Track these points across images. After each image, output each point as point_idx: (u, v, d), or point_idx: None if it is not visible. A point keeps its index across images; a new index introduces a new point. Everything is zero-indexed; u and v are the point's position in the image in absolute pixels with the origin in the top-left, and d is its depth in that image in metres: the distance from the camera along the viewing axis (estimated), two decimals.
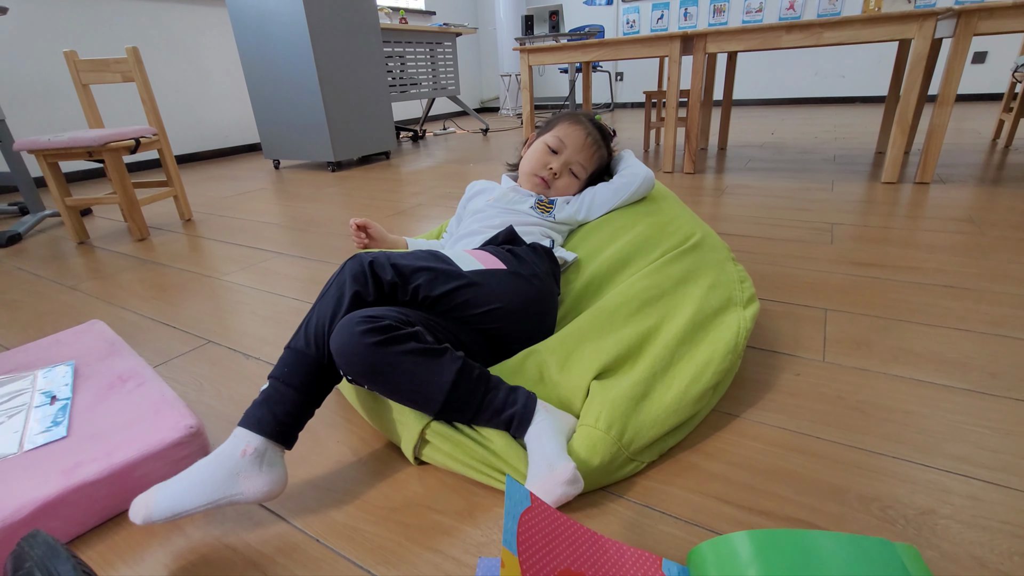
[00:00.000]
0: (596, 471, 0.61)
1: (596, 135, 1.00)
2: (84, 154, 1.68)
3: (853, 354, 0.88)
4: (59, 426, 0.70)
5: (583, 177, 1.02)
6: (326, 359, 0.62)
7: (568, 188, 1.01)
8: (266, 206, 2.24)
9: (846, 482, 0.62)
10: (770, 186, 2.09)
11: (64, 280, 1.47)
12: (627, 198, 0.98)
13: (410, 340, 0.60)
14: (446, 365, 0.61)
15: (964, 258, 1.25)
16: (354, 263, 0.67)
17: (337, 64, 2.79)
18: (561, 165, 0.98)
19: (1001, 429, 0.69)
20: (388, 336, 0.58)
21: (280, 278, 1.39)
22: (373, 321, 0.59)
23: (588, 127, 1.00)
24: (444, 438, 0.65)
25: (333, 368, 0.63)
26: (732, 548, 0.45)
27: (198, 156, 3.74)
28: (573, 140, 0.98)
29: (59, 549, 0.44)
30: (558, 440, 0.60)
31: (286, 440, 0.60)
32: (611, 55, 2.44)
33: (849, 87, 5.04)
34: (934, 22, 1.80)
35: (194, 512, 0.55)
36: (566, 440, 0.62)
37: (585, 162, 1.00)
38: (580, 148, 0.99)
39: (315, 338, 0.63)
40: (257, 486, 0.57)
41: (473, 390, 0.63)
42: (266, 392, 0.61)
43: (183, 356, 1.01)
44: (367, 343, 0.58)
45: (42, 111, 2.92)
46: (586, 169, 1.01)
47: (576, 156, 0.99)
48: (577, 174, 1.00)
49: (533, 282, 0.76)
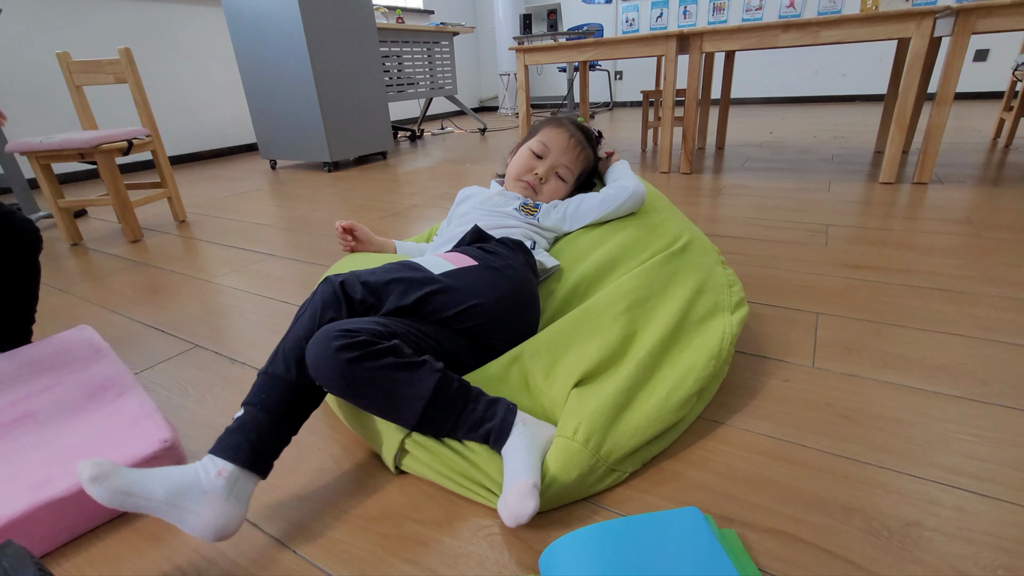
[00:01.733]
0: (574, 484, 0.60)
1: (579, 136, 1.00)
2: (76, 156, 1.68)
3: (843, 359, 0.87)
4: None
5: (570, 180, 1.01)
6: (305, 383, 0.60)
7: (556, 192, 1.00)
8: (261, 207, 2.23)
9: (831, 493, 0.61)
10: (767, 186, 2.08)
11: (55, 283, 1.46)
12: (613, 211, 0.95)
13: (387, 355, 0.59)
14: (423, 379, 0.60)
15: (960, 260, 1.24)
16: (325, 287, 0.66)
17: (333, 64, 2.78)
18: (547, 169, 0.98)
19: (990, 438, 0.68)
20: (364, 352, 0.57)
21: (273, 281, 1.38)
22: (349, 336, 0.58)
23: (571, 129, 0.99)
24: (424, 448, 0.64)
25: (312, 393, 0.61)
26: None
27: (195, 156, 3.73)
28: (557, 143, 0.98)
29: (28, 560, 0.43)
30: (530, 454, 0.59)
31: (262, 469, 0.58)
32: (607, 55, 2.42)
33: (849, 85, 5.01)
34: (932, 20, 1.78)
35: (145, 501, 0.50)
36: (541, 454, 0.61)
37: (571, 164, 0.99)
38: (564, 151, 0.98)
39: (294, 362, 0.61)
40: (214, 515, 0.52)
41: (451, 405, 0.62)
42: (241, 419, 0.58)
43: (169, 360, 1.00)
44: (342, 359, 0.56)
45: (36, 113, 2.91)
46: (572, 172, 1.00)
47: (561, 159, 0.98)
48: (564, 177, 1.00)
49: (507, 272, 0.75)
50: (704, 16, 5.22)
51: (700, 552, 0.51)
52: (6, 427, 0.74)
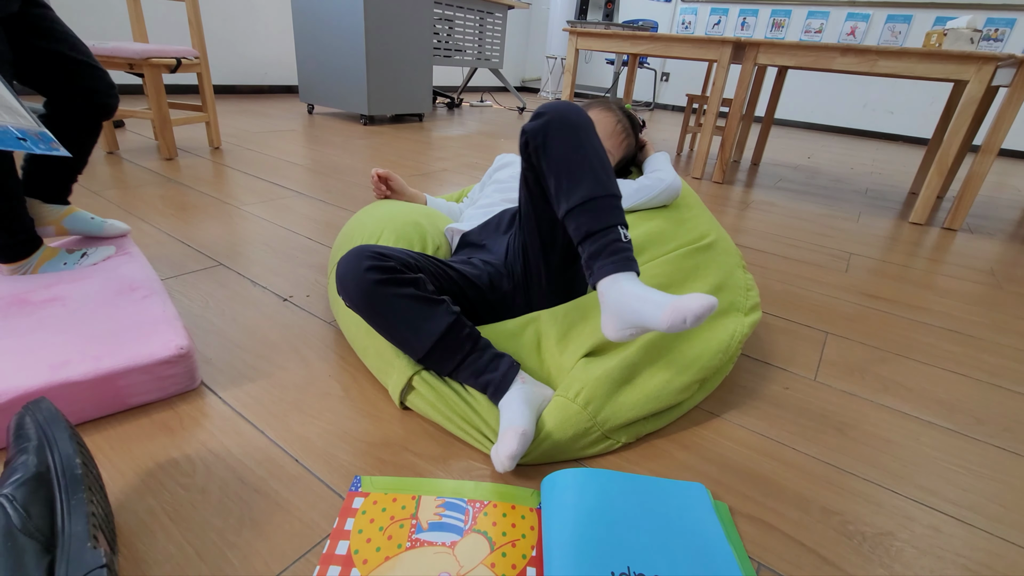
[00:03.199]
0: (567, 442, 0.62)
1: (626, 123, 1.00)
2: (125, 65, 1.70)
3: (845, 378, 0.88)
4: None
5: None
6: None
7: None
8: (294, 147, 2.25)
9: (812, 493, 0.63)
10: (796, 207, 2.07)
11: (90, 185, 1.49)
12: (647, 200, 0.95)
13: (409, 285, 0.62)
14: (439, 316, 0.63)
15: (975, 307, 1.24)
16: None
17: (385, 18, 2.77)
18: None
19: (976, 472, 0.69)
20: (390, 277, 0.60)
21: (297, 216, 1.41)
22: (379, 259, 0.60)
23: (618, 115, 1.00)
24: (430, 387, 0.67)
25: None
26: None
27: (235, 89, 3.75)
28: (603, 126, 0.98)
29: (60, 417, 0.47)
30: (525, 408, 0.61)
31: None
32: (661, 51, 2.40)
33: (896, 124, 4.92)
34: (993, 67, 1.75)
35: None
36: (536, 411, 0.63)
37: (613, 149, 0.99)
38: (610, 135, 0.98)
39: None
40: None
41: (458, 347, 0.64)
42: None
43: (194, 273, 1.03)
44: (369, 279, 0.59)
45: (90, 19, 2.93)
46: (613, 156, 1.01)
47: (605, 142, 0.98)
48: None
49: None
50: (762, 30, 5.13)
51: (696, 521, 0.53)
52: (36, 306, 0.78)
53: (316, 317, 0.91)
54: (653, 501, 0.55)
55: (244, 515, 0.53)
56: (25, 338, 0.69)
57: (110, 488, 0.54)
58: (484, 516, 0.53)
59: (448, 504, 0.54)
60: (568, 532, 0.49)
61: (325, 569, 0.47)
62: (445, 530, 0.51)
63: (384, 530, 0.50)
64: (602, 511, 0.52)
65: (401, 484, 0.57)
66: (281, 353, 0.80)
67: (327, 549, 0.49)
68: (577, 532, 0.49)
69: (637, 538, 0.50)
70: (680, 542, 0.50)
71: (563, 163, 0.62)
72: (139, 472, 0.57)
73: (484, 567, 0.48)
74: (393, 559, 0.48)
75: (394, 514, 0.52)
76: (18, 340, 0.68)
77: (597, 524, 0.50)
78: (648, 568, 0.47)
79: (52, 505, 0.41)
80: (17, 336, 0.69)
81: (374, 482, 0.57)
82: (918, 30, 4.50)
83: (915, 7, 4.47)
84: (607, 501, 0.53)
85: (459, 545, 0.50)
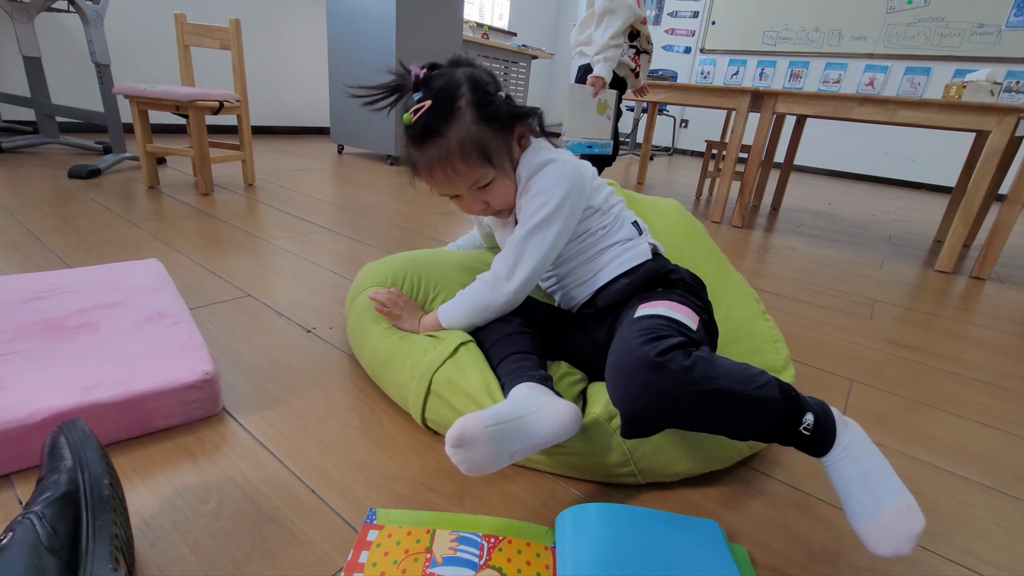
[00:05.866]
0: (595, 466, 0.65)
1: (430, 152, 0.69)
2: (172, 107, 1.81)
3: (873, 428, 0.86)
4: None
5: (486, 199, 0.75)
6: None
7: (500, 198, 0.76)
8: (323, 185, 2.34)
9: (840, 548, 0.60)
10: (817, 253, 2.06)
11: (130, 216, 1.57)
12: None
13: None
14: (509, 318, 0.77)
15: (1008, 358, 1.20)
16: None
17: (416, 64, 2.91)
18: (464, 204, 0.77)
19: (1018, 533, 0.66)
20: None
21: (324, 251, 1.45)
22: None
23: (415, 158, 0.72)
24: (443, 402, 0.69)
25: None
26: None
27: (270, 130, 3.94)
28: (428, 183, 0.75)
29: (93, 438, 0.48)
30: (505, 405, 0.60)
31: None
32: (679, 100, 2.47)
33: (917, 172, 4.91)
34: (1015, 119, 1.75)
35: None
36: (516, 410, 0.59)
37: (459, 190, 0.73)
38: (435, 183, 0.73)
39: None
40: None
41: (512, 349, 0.73)
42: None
43: (223, 303, 1.07)
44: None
45: (141, 64, 3.15)
46: (470, 189, 0.73)
47: (446, 191, 0.75)
48: (482, 204, 0.76)
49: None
50: (780, 80, 5.24)
51: (712, 561, 0.52)
52: (70, 331, 0.81)
53: (338, 349, 0.93)
54: (667, 537, 0.54)
55: (258, 544, 0.53)
56: (59, 361, 0.71)
57: (130, 509, 0.55)
58: (499, 552, 0.52)
59: (463, 539, 0.53)
60: (582, 569, 0.49)
61: None
62: (459, 565, 0.50)
63: (398, 564, 0.50)
64: (616, 547, 0.51)
65: (415, 517, 0.56)
66: (303, 383, 0.82)
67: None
68: (591, 569, 0.49)
69: (651, 573, 0.49)
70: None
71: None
72: (159, 496, 0.58)
73: None
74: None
75: (408, 547, 0.52)
76: (52, 362, 0.71)
77: (611, 561, 0.50)
78: None
79: (78, 525, 0.42)
80: (52, 359, 0.72)
81: (389, 515, 0.56)
82: (937, 82, 4.54)
83: (934, 59, 4.53)
84: (621, 537, 0.53)
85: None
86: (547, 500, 0.63)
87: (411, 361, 0.74)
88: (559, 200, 0.72)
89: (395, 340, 0.79)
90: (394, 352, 0.77)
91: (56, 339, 0.78)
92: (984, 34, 4.27)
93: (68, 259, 1.20)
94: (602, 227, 0.79)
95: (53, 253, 1.23)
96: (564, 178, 0.73)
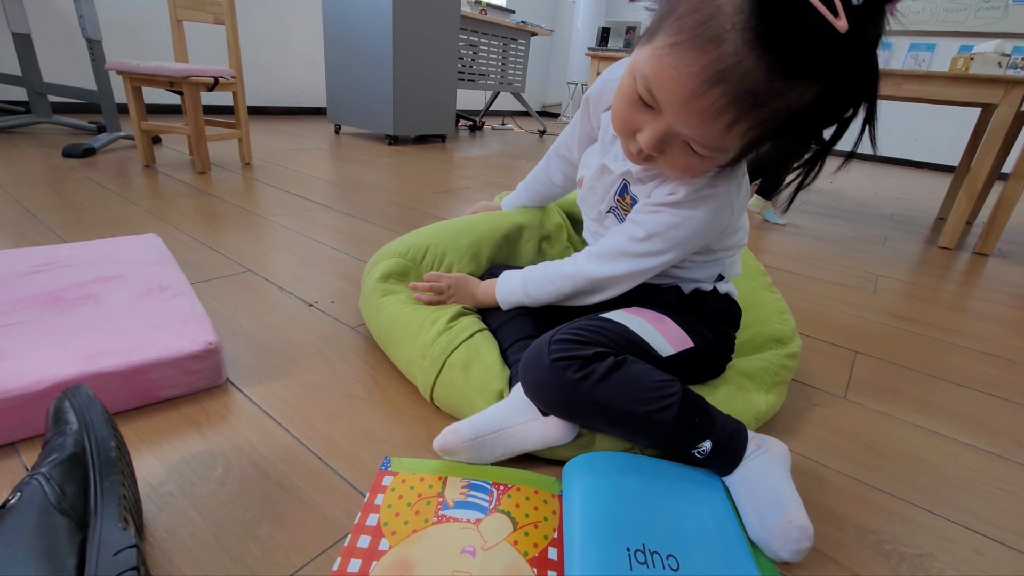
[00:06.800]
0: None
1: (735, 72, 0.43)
2: (166, 83, 1.78)
3: (877, 398, 0.86)
4: None
5: (711, 155, 0.51)
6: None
7: (687, 168, 0.54)
8: (321, 164, 2.32)
9: (846, 511, 0.61)
10: (820, 229, 2.05)
11: (127, 195, 1.55)
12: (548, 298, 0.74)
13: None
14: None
15: (1011, 331, 1.20)
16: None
17: (413, 43, 2.86)
18: (653, 138, 0.51)
19: (1019, 495, 0.66)
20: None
21: (322, 228, 1.43)
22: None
23: (708, 55, 0.43)
24: (453, 386, 0.67)
25: None
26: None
27: (266, 110, 3.88)
28: (672, 87, 0.46)
29: (97, 403, 0.48)
30: (497, 409, 0.63)
31: None
32: None
33: (920, 152, 4.87)
34: (1023, 91, 1.73)
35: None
36: (508, 410, 0.63)
37: (701, 138, 0.48)
38: (683, 104, 0.46)
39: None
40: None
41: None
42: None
43: (223, 278, 1.06)
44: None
45: (134, 40, 3.09)
46: (709, 148, 0.50)
47: (680, 121, 0.48)
48: (697, 151, 0.51)
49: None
50: None
51: (712, 507, 0.54)
52: (70, 303, 0.80)
53: (340, 322, 0.93)
54: (669, 482, 0.56)
55: (266, 508, 0.53)
56: (60, 332, 0.71)
57: (137, 476, 0.55)
58: (508, 498, 0.55)
59: (473, 485, 0.56)
60: (586, 511, 0.51)
61: (356, 538, 0.49)
62: (470, 508, 0.53)
63: (412, 506, 0.52)
64: (619, 491, 0.53)
65: (428, 465, 0.59)
66: (306, 355, 0.81)
67: (358, 520, 0.51)
68: (594, 511, 0.50)
69: (652, 517, 0.51)
70: (694, 523, 0.52)
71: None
72: (165, 463, 0.58)
73: (507, 544, 0.49)
74: (420, 532, 0.49)
75: (421, 492, 0.54)
76: (54, 333, 0.70)
77: (614, 503, 0.52)
78: (662, 546, 0.48)
79: (86, 485, 0.42)
80: (53, 330, 0.71)
81: (402, 463, 0.59)
82: (942, 57, 4.48)
83: (939, 36, 4.47)
84: (624, 481, 0.55)
85: (483, 522, 0.51)
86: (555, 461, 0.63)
87: (422, 339, 0.73)
88: (680, 239, 0.62)
89: (408, 313, 0.77)
90: (405, 327, 0.75)
91: (57, 311, 0.77)
92: (991, 8, 4.20)
93: (66, 236, 1.18)
94: (692, 262, 0.69)
95: (50, 230, 1.21)
96: (703, 225, 0.61)
